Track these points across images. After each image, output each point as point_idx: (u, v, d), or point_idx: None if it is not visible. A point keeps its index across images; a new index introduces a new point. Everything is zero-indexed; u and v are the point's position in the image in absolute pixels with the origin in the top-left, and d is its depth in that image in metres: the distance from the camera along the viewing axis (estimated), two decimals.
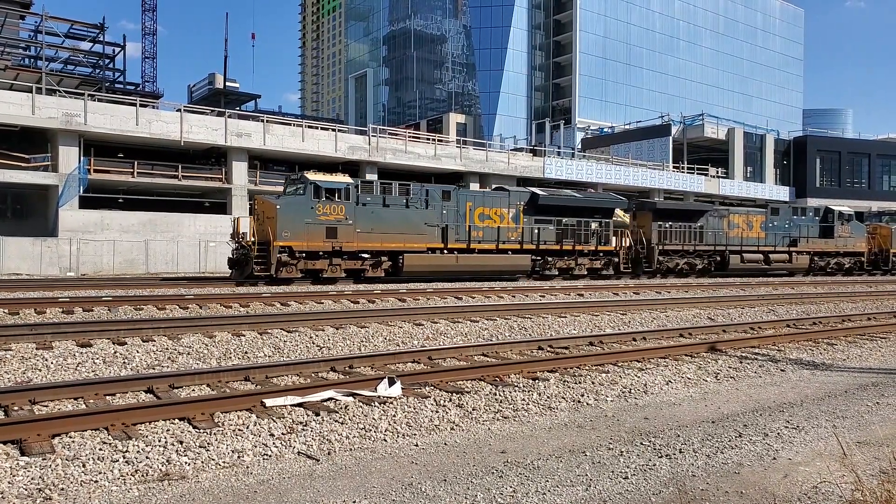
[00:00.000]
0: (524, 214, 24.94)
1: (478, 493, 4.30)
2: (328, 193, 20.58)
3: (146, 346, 9.06)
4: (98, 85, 38.74)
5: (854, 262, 34.97)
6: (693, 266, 29.63)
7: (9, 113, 26.45)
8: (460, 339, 10.84)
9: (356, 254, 21.18)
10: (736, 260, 30.38)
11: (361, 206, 21.20)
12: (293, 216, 19.93)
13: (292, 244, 19.89)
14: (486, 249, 24.03)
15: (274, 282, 19.70)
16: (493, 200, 24.51)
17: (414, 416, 6.00)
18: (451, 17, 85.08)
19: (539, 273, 25.31)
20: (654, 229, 28.59)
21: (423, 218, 22.55)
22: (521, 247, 24.79)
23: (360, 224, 21.06)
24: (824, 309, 17.37)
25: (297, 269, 20.10)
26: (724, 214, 30.74)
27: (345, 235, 20.76)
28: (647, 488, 4.43)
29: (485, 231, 23.96)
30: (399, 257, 21.85)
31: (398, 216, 21.99)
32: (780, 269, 32.12)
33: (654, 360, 9.08)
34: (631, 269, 27.81)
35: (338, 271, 20.86)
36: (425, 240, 22.54)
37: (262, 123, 32.60)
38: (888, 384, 8.04)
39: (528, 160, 42.44)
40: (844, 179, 58.31)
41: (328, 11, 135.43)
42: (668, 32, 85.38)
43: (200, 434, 5.30)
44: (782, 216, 32.71)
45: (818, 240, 33.40)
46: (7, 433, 4.97)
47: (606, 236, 26.95)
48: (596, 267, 26.66)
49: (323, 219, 20.44)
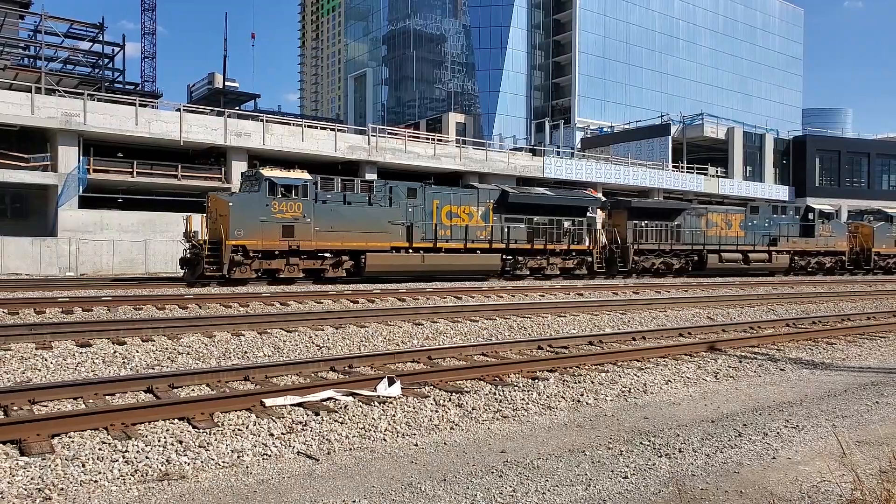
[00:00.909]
0: (494, 213, 24.40)
1: (477, 492, 4.30)
2: (284, 190, 19.88)
3: (146, 345, 9.06)
4: (97, 85, 38.71)
5: (835, 261, 34.47)
6: (670, 266, 29.10)
7: (8, 113, 26.43)
8: (460, 338, 10.84)
9: (315, 253, 20.52)
10: (714, 259, 29.89)
11: (321, 204, 20.49)
12: (247, 214, 19.26)
13: (246, 243, 19.24)
14: (453, 249, 23.42)
15: (227, 282, 19.09)
16: (461, 198, 23.89)
17: (413, 416, 6.00)
18: (451, 17, 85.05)
19: (510, 273, 24.74)
20: (629, 228, 28.01)
21: (386, 216, 21.88)
22: (490, 246, 24.23)
23: (318, 222, 20.34)
24: (824, 308, 17.38)
25: (251, 269, 19.46)
26: (702, 213, 30.23)
27: (302, 234, 20.04)
28: (647, 488, 4.43)
29: (453, 230, 23.38)
30: (361, 257, 21.22)
31: (360, 214, 21.27)
32: (759, 268, 31.69)
33: (654, 359, 9.09)
34: (605, 268, 27.36)
35: (295, 271, 20.17)
36: (389, 239, 21.90)
37: (262, 123, 32.57)
38: (888, 383, 8.05)
39: (528, 160, 42.43)
40: (844, 179, 58.30)
41: (328, 11, 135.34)
42: (668, 32, 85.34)
43: (200, 434, 5.30)
44: (762, 215, 32.15)
45: (798, 239, 32.89)
46: (6, 433, 4.97)
47: (580, 235, 26.48)
48: (569, 266, 26.17)
49: (279, 216, 19.73)
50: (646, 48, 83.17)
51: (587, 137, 65.88)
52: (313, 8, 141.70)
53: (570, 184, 42.34)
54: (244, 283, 19.34)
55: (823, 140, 62.24)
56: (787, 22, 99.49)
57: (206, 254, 18.91)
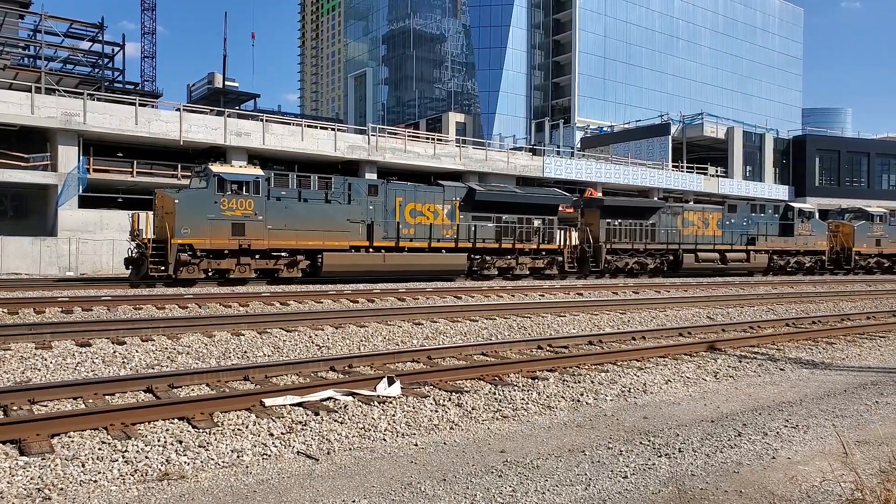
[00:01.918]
0: (461, 211, 23.68)
1: (477, 492, 4.29)
2: (234, 186, 19.10)
3: (145, 345, 9.06)
4: (97, 84, 38.67)
5: (815, 261, 33.93)
6: (644, 266, 28.51)
7: (8, 112, 26.42)
8: (459, 338, 10.84)
9: (268, 252, 19.85)
10: (690, 259, 29.29)
11: (274, 201, 19.77)
12: (194, 211, 18.52)
13: (193, 242, 18.50)
14: (417, 248, 22.63)
15: (174, 283, 18.44)
16: (426, 196, 23.10)
17: (413, 416, 6.00)
18: (451, 17, 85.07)
19: (477, 273, 24.10)
20: (602, 227, 27.43)
21: (345, 214, 21.09)
22: (456, 245, 23.47)
23: (271, 220, 19.61)
24: (823, 308, 17.38)
25: (199, 268, 18.78)
26: (677, 212, 29.67)
27: (254, 232, 19.30)
28: (647, 487, 4.43)
29: (417, 228, 22.62)
30: (318, 256, 20.43)
31: (317, 212, 20.48)
32: (737, 268, 31.13)
33: (654, 359, 9.09)
34: (577, 268, 26.76)
35: (247, 271, 19.47)
36: (348, 237, 21.08)
37: (262, 123, 32.56)
38: (887, 383, 8.05)
39: (528, 159, 42.43)
40: (843, 178, 58.30)
41: (327, 11, 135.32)
42: (668, 32, 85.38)
43: (200, 434, 5.30)
44: (740, 213, 31.51)
45: (777, 238, 32.29)
46: (6, 433, 4.97)
47: (550, 234, 25.79)
48: (539, 266, 25.54)
49: (229, 214, 18.95)
50: (646, 48, 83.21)
51: (587, 137, 65.86)
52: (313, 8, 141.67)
53: (570, 183, 42.37)
54: (192, 283, 18.63)
55: (823, 140, 62.23)
56: (786, 21, 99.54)
57: (151, 253, 18.21)
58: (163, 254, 18.29)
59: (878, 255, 36.59)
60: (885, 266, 36.88)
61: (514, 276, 24.88)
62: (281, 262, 20.11)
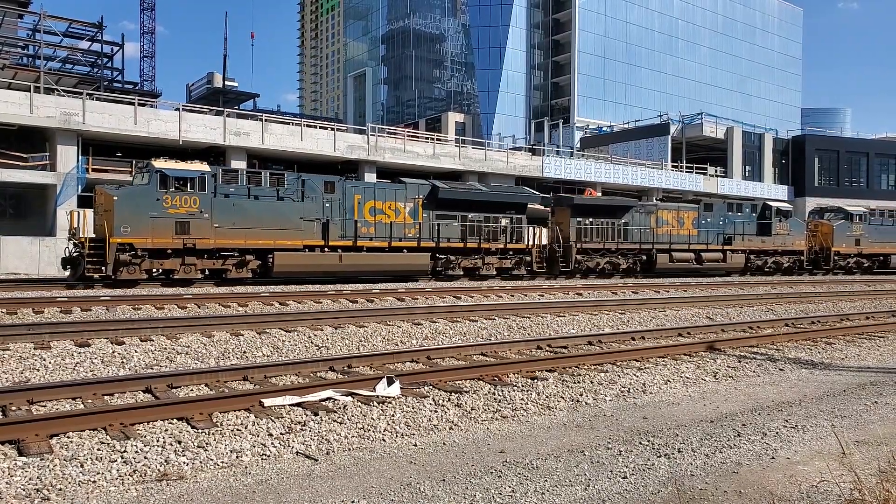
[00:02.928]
0: (424, 209, 22.99)
1: (476, 492, 4.29)
2: (178, 183, 18.46)
3: (144, 345, 9.05)
4: (96, 84, 38.65)
5: (793, 261, 33.28)
6: (616, 266, 27.93)
7: (7, 112, 26.39)
8: (459, 338, 10.83)
9: (215, 252, 19.16)
10: (664, 259, 28.70)
11: (221, 198, 19.09)
12: (135, 209, 17.83)
13: (133, 241, 17.82)
14: (376, 248, 21.92)
15: (114, 284, 17.79)
16: (386, 193, 22.45)
17: (413, 416, 6.00)
18: (450, 16, 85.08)
19: (441, 273, 23.46)
20: (572, 226, 26.84)
21: (298, 212, 20.38)
22: (418, 245, 22.79)
23: (218, 218, 18.93)
24: (822, 308, 17.39)
25: (140, 269, 18.12)
26: (651, 211, 29.11)
27: (199, 231, 18.61)
28: (646, 488, 4.43)
29: (377, 227, 21.91)
30: (269, 256, 19.77)
31: (268, 209, 19.80)
32: (713, 268, 30.53)
33: (653, 359, 9.09)
34: (546, 268, 26.27)
35: (192, 272, 18.80)
36: (302, 236, 20.35)
37: (261, 122, 32.54)
38: (887, 383, 8.05)
39: (527, 159, 42.42)
40: (843, 178, 58.30)
41: (327, 10, 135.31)
42: (667, 32, 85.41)
43: (199, 434, 5.29)
44: (716, 213, 30.92)
45: (755, 237, 31.67)
46: (5, 433, 4.96)
47: (519, 233, 25.21)
48: (506, 266, 24.97)
49: (172, 212, 18.28)
50: (645, 48, 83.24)
51: (586, 137, 65.87)
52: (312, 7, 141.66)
53: (570, 183, 42.39)
54: (133, 284, 17.95)
55: (822, 140, 62.24)
56: (786, 21, 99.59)
57: (88, 252, 17.56)
58: (101, 253, 17.66)
59: (858, 255, 35.88)
60: (864, 266, 36.07)
61: (481, 277, 24.33)
62: (229, 261, 19.44)
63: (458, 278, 23.80)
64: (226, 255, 19.41)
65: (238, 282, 19.44)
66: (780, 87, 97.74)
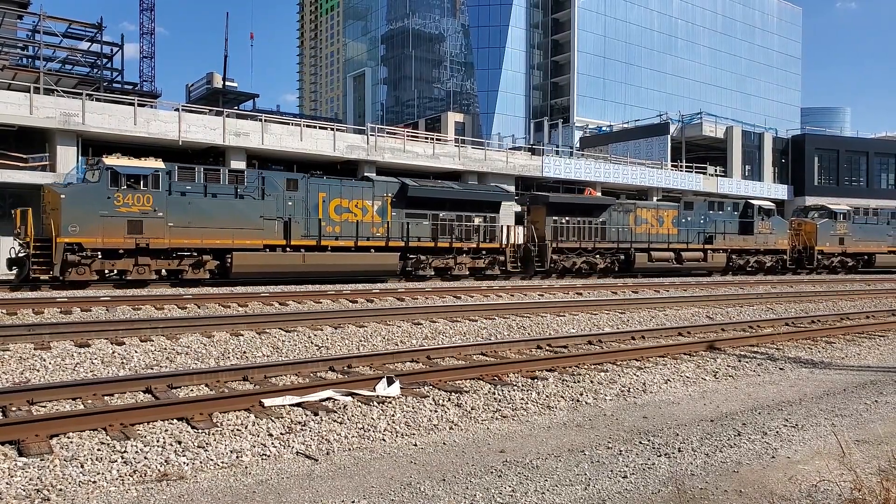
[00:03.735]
0: (392, 208, 22.45)
1: (477, 492, 4.29)
2: (130, 180, 17.82)
3: (144, 346, 9.05)
4: (96, 84, 38.64)
5: (776, 260, 32.85)
6: (593, 265, 27.49)
7: (7, 113, 26.39)
8: (459, 338, 10.83)
9: (171, 252, 18.60)
10: (643, 258, 28.18)
11: (177, 196, 18.53)
12: (84, 207, 17.23)
13: (82, 241, 17.21)
14: (342, 247, 21.32)
15: (63, 285, 17.18)
16: (353, 191, 21.87)
17: (413, 416, 6.00)
18: (450, 17, 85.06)
19: (412, 273, 22.94)
20: (548, 225, 26.40)
21: (259, 210, 19.78)
22: (386, 244, 22.22)
23: (173, 217, 18.34)
24: (822, 307, 17.40)
25: (91, 269, 17.52)
26: (629, 209, 28.66)
27: (153, 230, 18.01)
28: (646, 487, 4.43)
29: (342, 226, 21.34)
30: (227, 256, 19.17)
31: (226, 208, 19.19)
32: (694, 268, 29.92)
33: (653, 358, 9.09)
34: (521, 268, 25.77)
35: (146, 272, 18.19)
36: (262, 235, 19.74)
37: (261, 123, 32.53)
38: (887, 382, 8.05)
39: (527, 159, 42.40)
40: (843, 178, 58.29)
41: (326, 11, 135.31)
42: (667, 31, 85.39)
43: (199, 434, 5.29)
44: (697, 211, 30.44)
45: (736, 236, 31.18)
46: (5, 434, 4.96)
47: (492, 232, 24.72)
48: (479, 266, 24.50)
49: (124, 210, 17.66)
50: (645, 47, 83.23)
51: (586, 137, 65.85)
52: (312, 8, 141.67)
53: (570, 183, 42.36)
54: (84, 286, 17.35)
55: (822, 139, 62.21)
56: (785, 21, 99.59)
57: (34, 253, 16.95)
58: (48, 254, 17.09)
59: (842, 255, 35.47)
60: (848, 265, 35.63)
61: (453, 277, 23.82)
62: (186, 262, 18.87)
63: (429, 279, 23.22)
64: (182, 256, 18.87)
65: (195, 283, 18.91)
66: (780, 86, 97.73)
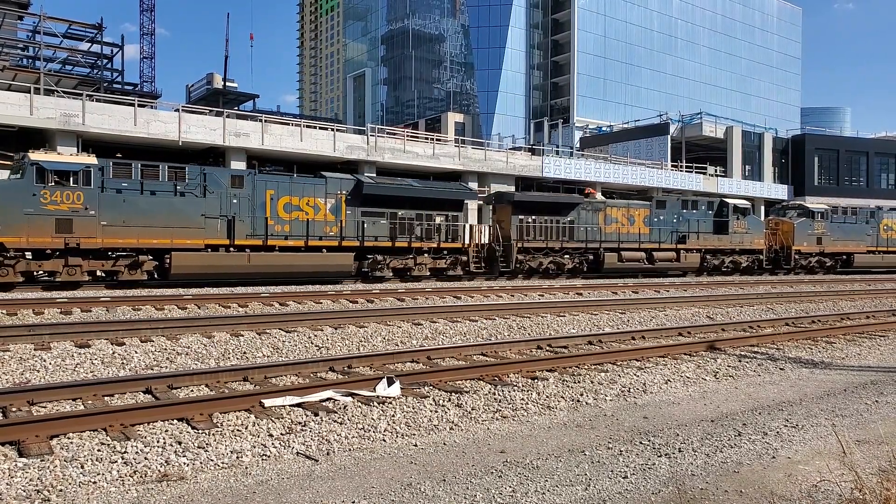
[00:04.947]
0: (347, 206, 21.56)
1: (477, 492, 4.29)
2: (58, 177, 16.98)
3: (145, 346, 9.05)
4: (96, 85, 38.64)
5: (752, 260, 32.08)
6: (561, 266, 26.75)
7: (7, 113, 26.41)
8: (459, 338, 10.83)
9: (104, 252, 17.77)
10: (612, 258, 27.53)
11: (112, 193, 17.69)
12: (7, 205, 16.50)
13: (5, 240, 16.46)
14: (291, 247, 20.46)
15: None
16: (304, 188, 20.98)
17: (413, 416, 6.00)
18: (450, 17, 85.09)
19: (368, 274, 22.12)
20: (514, 224, 25.62)
21: (200, 208, 18.96)
22: (339, 244, 21.33)
23: (106, 215, 17.49)
24: (823, 307, 17.39)
25: (14, 271, 16.66)
26: (599, 208, 27.99)
27: (84, 229, 17.14)
28: (647, 487, 4.43)
29: (292, 225, 20.50)
30: (166, 256, 18.37)
31: (165, 206, 18.36)
32: (667, 268, 29.28)
33: (654, 359, 9.08)
34: (485, 268, 25.04)
35: (77, 273, 17.31)
36: (204, 235, 18.92)
37: (261, 123, 32.55)
38: (887, 382, 8.04)
39: (527, 159, 42.41)
40: (843, 178, 58.30)
41: (326, 11, 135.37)
42: (667, 31, 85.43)
43: (199, 435, 5.29)
44: (669, 210, 29.71)
45: (711, 236, 30.47)
46: (5, 434, 4.96)
47: (455, 232, 23.89)
48: (441, 267, 23.64)
49: (52, 208, 16.82)
50: (644, 48, 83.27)
51: (586, 137, 65.87)
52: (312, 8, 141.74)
53: (570, 183, 42.37)
54: (9, 288, 16.54)
55: (822, 139, 62.22)
56: (785, 21, 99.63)
57: None
58: None
59: (820, 254, 34.85)
60: (827, 265, 35.02)
61: (413, 278, 23.03)
62: (121, 262, 18.01)
63: (386, 280, 22.55)
64: (118, 256, 18.08)
65: (132, 284, 18.16)
66: (780, 86, 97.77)
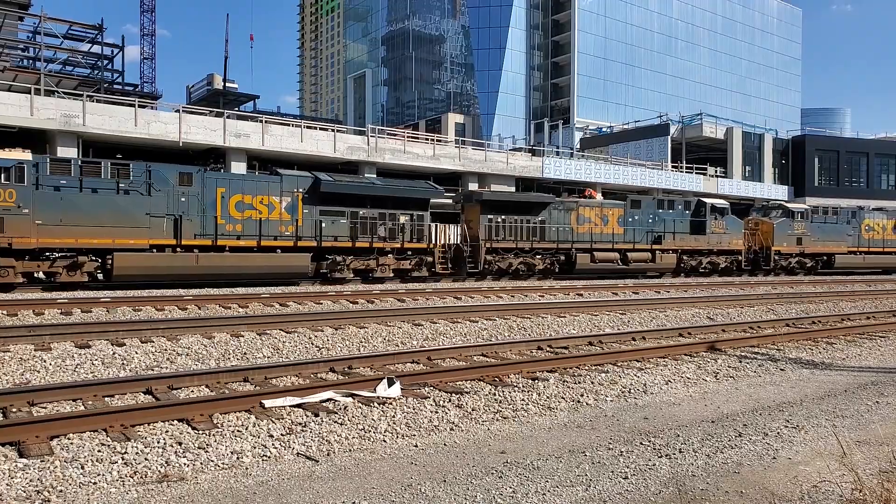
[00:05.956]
0: (304, 204, 20.87)
1: (477, 493, 4.29)
2: None
3: (145, 346, 9.05)
4: (97, 86, 38.64)
5: (730, 261, 31.39)
6: (531, 267, 25.96)
7: (7, 114, 26.40)
8: (459, 339, 10.83)
9: (40, 252, 17.18)
10: (585, 259, 26.73)
11: (49, 191, 17.06)
12: None
13: None
14: (243, 247, 19.72)
15: None
16: (258, 186, 20.28)
17: (413, 417, 6.00)
18: (450, 18, 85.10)
19: (328, 276, 21.34)
20: (482, 224, 24.91)
21: (145, 207, 18.22)
22: (295, 244, 20.56)
23: (42, 213, 16.84)
24: (823, 308, 17.38)
25: None
26: (571, 208, 27.26)
27: (17, 228, 16.48)
28: (647, 488, 4.43)
29: (244, 224, 19.78)
30: (108, 257, 17.71)
31: (107, 204, 17.67)
32: (642, 269, 28.63)
33: (654, 359, 9.08)
34: (453, 269, 24.43)
35: (10, 275, 16.61)
36: (149, 234, 18.23)
37: (261, 124, 32.57)
38: (887, 383, 8.04)
39: (527, 160, 42.41)
40: (843, 178, 58.29)
41: (326, 12, 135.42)
42: (667, 32, 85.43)
43: (199, 435, 5.29)
44: (645, 210, 29.03)
45: (688, 236, 29.77)
46: (5, 435, 4.96)
47: (420, 232, 23.14)
48: (405, 268, 22.97)
49: None
50: (645, 49, 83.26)
51: (586, 138, 65.87)
52: (312, 9, 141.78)
53: (570, 183, 42.36)
54: None
55: (822, 140, 62.21)
56: (785, 22, 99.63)
57: None
58: None
59: (800, 255, 34.29)
60: (807, 266, 34.48)
61: (375, 280, 22.32)
62: (59, 263, 17.36)
63: (348, 281, 21.75)
64: (56, 257, 17.44)
65: (72, 286, 17.45)
66: (780, 87, 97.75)
